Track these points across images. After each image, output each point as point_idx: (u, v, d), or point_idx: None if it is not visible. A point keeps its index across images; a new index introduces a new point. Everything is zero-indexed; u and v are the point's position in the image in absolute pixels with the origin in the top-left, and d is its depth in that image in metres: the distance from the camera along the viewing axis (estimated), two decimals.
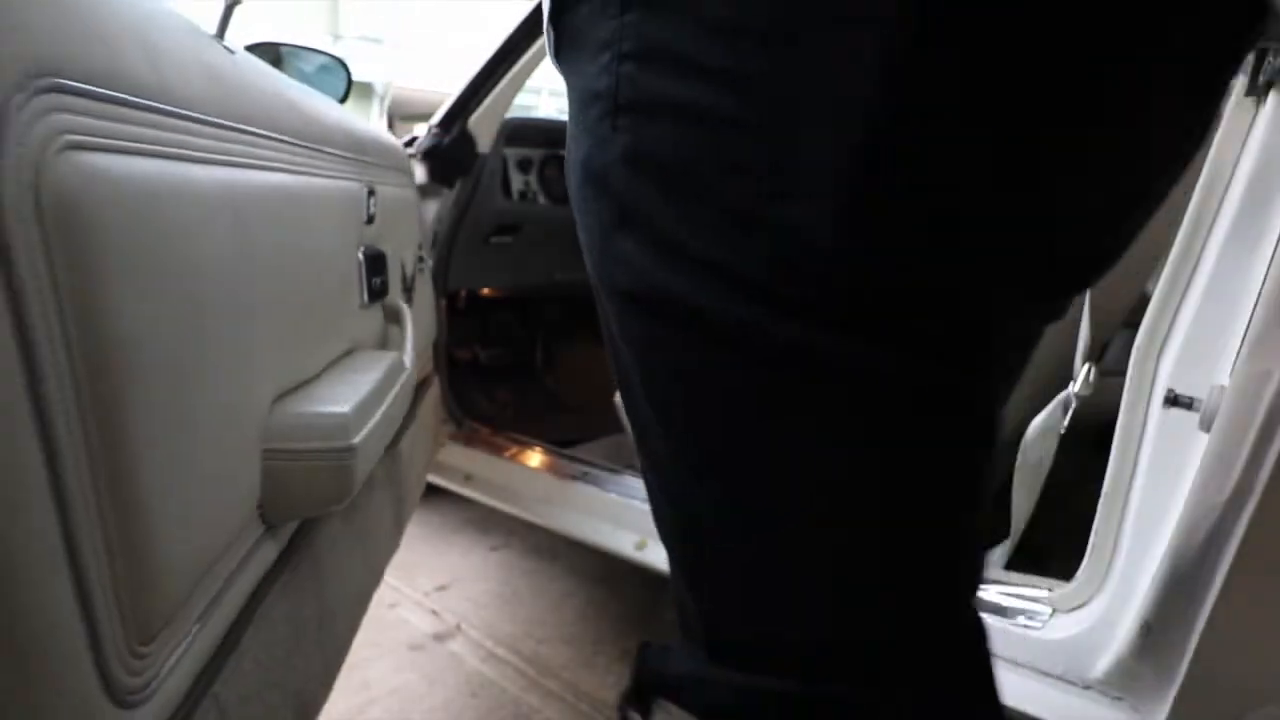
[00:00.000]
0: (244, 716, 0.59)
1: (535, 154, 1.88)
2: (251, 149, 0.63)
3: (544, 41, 1.47)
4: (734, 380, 0.42)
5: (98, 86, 0.42)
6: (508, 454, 1.60)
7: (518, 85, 1.56)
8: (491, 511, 1.68)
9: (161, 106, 0.49)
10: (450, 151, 1.55)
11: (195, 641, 0.54)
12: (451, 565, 1.96)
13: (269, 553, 0.68)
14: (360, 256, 0.92)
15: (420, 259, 1.36)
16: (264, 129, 0.66)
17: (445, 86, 1.64)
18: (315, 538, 0.78)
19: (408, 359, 0.96)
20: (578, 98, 0.46)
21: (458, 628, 1.71)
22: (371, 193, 0.97)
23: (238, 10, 0.85)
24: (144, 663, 0.46)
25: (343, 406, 0.67)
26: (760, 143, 0.37)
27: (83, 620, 0.41)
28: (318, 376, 0.75)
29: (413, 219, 1.36)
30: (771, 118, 0.37)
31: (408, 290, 1.19)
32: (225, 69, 0.61)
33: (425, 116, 1.65)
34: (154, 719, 0.48)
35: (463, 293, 1.96)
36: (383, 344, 1.03)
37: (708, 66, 0.38)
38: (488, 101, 1.55)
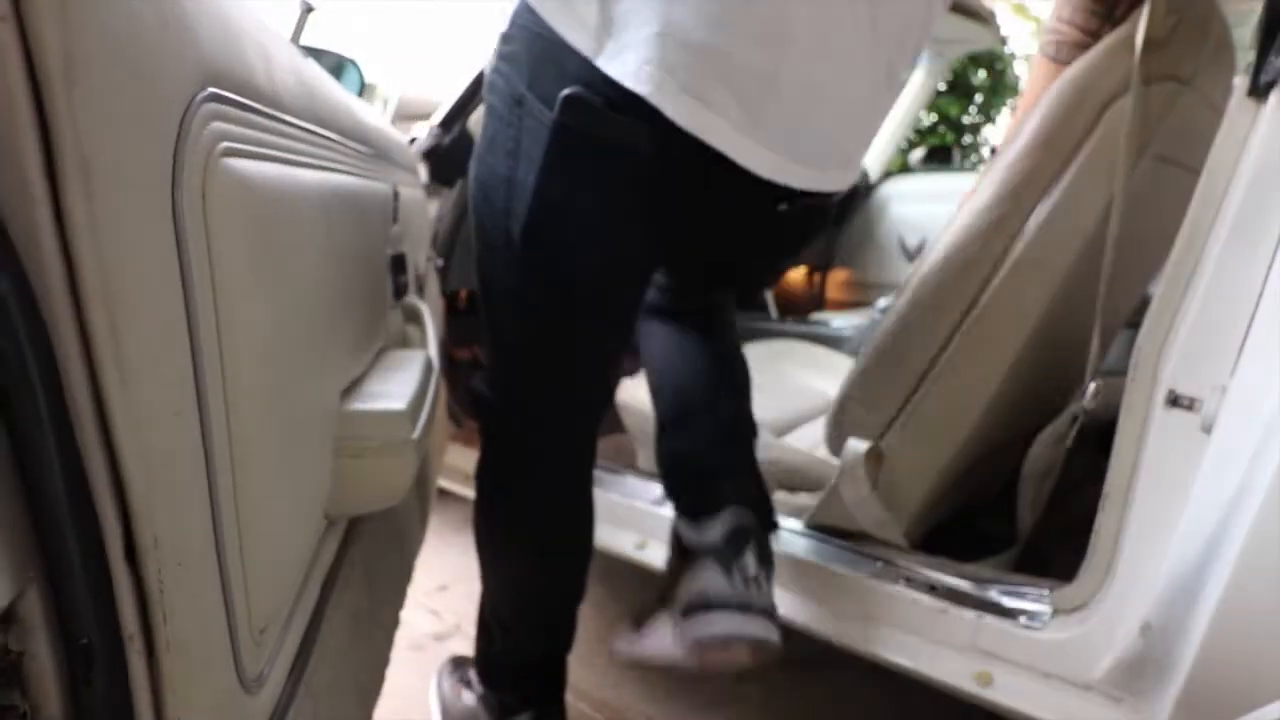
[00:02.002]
0: (327, 705, 0.64)
1: None
2: (327, 151, 0.67)
3: None
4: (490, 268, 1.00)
5: (239, 96, 0.46)
6: None
7: None
8: None
9: (274, 114, 0.53)
10: (450, 151, 1.55)
11: (289, 634, 0.57)
12: (451, 565, 1.96)
13: (330, 548, 0.71)
14: (388, 257, 0.95)
15: (430, 259, 1.37)
16: (333, 132, 0.70)
17: (447, 86, 1.63)
18: (360, 533, 0.81)
19: (434, 358, 0.98)
20: None
21: (458, 628, 1.71)
22: (396, 193, 0.98)
23: None
24: (260, 651, 0.49)
25: (399, 403, 0.70)
26: (507, 196, 0.91)
27: (224, 611, 0.43)
28: (365, 374, 0.78)
29: (424, 219, 1.37)
30: (509, 188, 0.90)
31: (419, 290, 1.20)
32: (307, 75, 0.66)
33: (425, 115, 1.64)
34: (267, 705, 0.51)
35: (463, 292, 1.96)
36: (403, 343, 1.05)
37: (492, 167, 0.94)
38: None
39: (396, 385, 0.75)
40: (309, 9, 1.25)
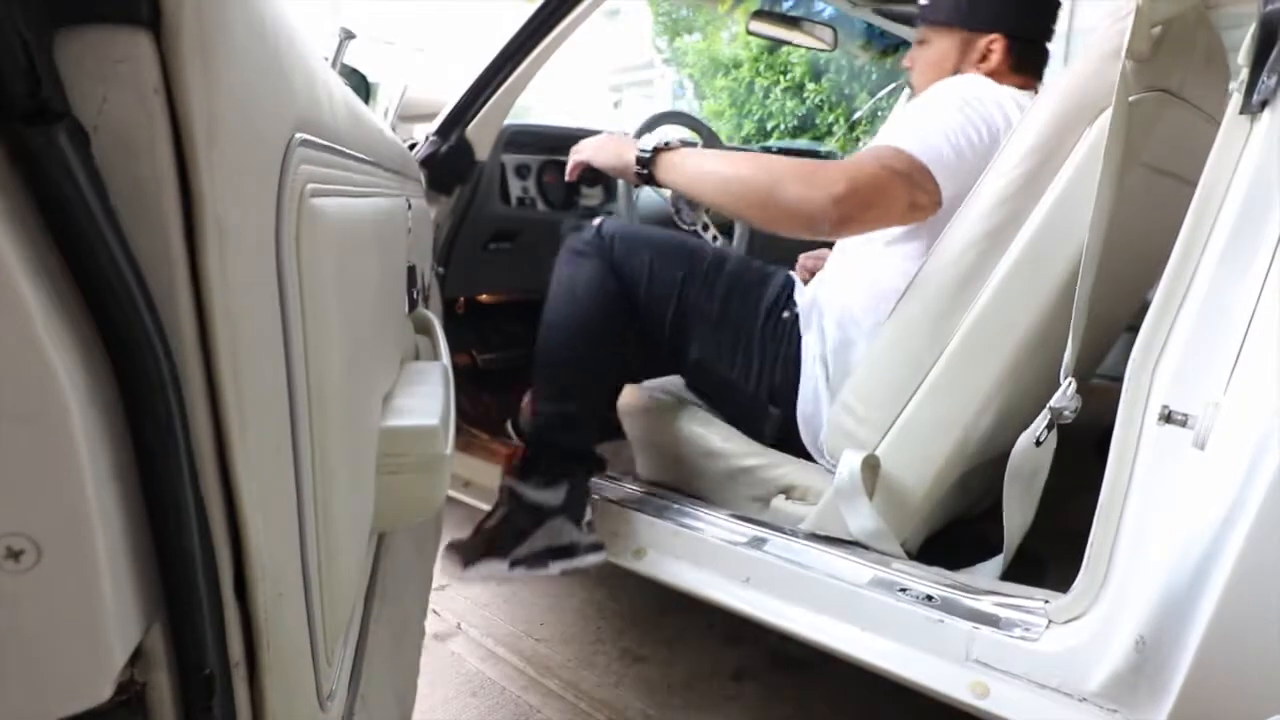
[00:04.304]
0: (379, 716, 0.67)
1: (533, 160, 1.87)
2: (368, 178, 0.69)
3: (545, 47, 1.57)
4: None
5: (317, 138, 0.48)
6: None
7: (516, 92, 1.55)
8: None
9: (338, 149, 0.55)
10: (449, 159, 1.55)
11: (347, 650, 0.59)
12: (452, 565, 1.97)
13: (368, 562, 0.72)
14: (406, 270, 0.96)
15: (434, 267, 1.38)
16: (371, 157, 0.71)
17: (450, 85, 1.63)
18: (388, 547, 0.83)
19: (449, 369, 0.98)
20: None
21: (458, 627, 1.72)
22: (409, 206, 0.99)
23: None
24: (330, 669, 0.51)
25: (432, 419, 0.70)
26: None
27: (308, 634, 0.45)
28: (393, 389, 0.79)
29: (429, 229, 1.38)
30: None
31: (425, 300, 1.21)
32: (353, 105, 0.67)
33: (429, 116, 1.64)
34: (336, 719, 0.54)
35: (461, 299, 1.96)
36: (414, 355, 1.05)
37: None
38: (486, 108, 1.54)
39: (423, 399, 0.76)
40: (350, 36, 1.25)
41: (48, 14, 0.29)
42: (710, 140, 2.12)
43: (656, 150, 1.29)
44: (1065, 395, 0.97)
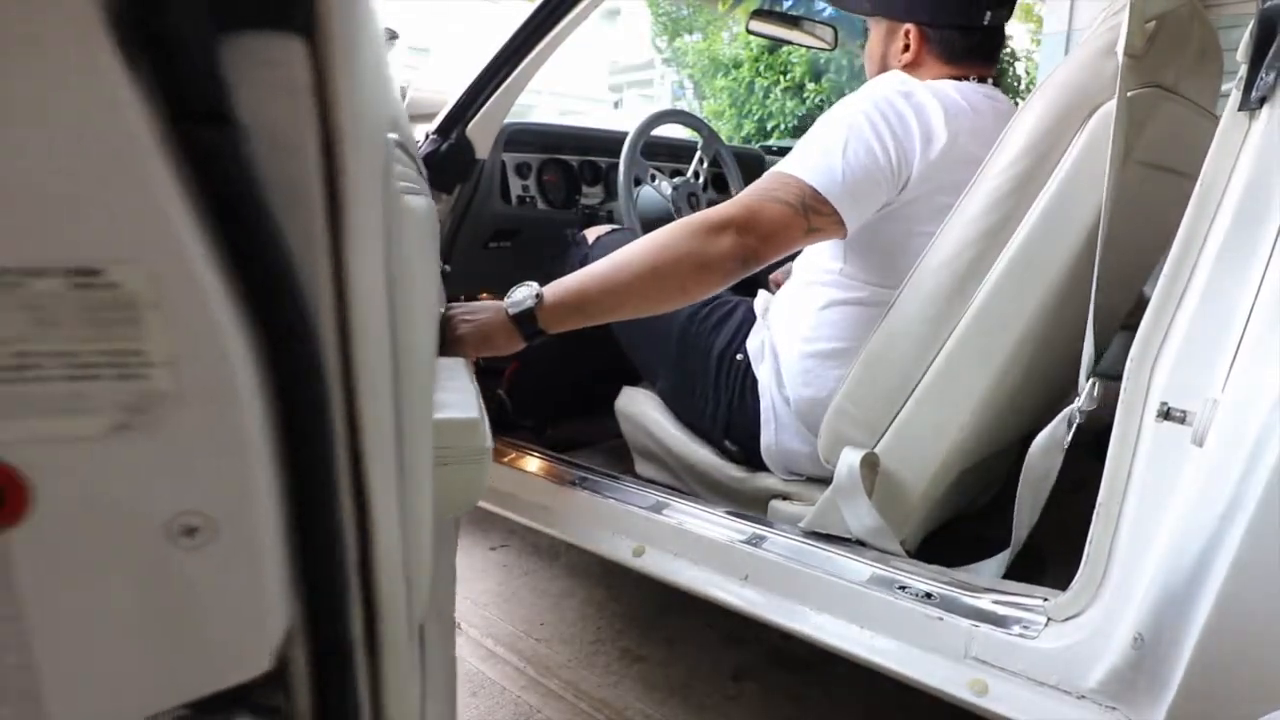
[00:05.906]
0: (439, 701, 0.69)
1: (534, 159, 1.88)
2: (418, 175, 0.71)
3: (545, 46, 1.56)
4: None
5: (401, 138, 0.51)
6: (506, 459, 1.60)
7: (517, 91, 1.55)
8: (491, 511, 1.69)
9: (408, 148, 0.58)
10: (449, 157, 1.55)
11: (413, 636, 0.60)
12: None
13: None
14: None
15: (439, 266, 1.38)
16: (414, 156, 0.73)
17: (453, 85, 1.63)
18: None
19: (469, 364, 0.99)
20: None
21: (458, 627, 1.73)
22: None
23: None
24: (414, 648, 0.52)
25: (473, 411, 0.70)
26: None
27: (407, 612, 0.46)
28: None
29: (437, 226, 1.39)
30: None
31: None
32: (402, 104, 0.69)
33: (429, 117, 1.64)
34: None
35: (462, 297, 1.97)
36: None
37: None
38: (486, 107, 1.55)
39: (458, 394, 0.76)
40: (393, 36, 1.25)
41: (217, 23, 0.31)
42: (711, 139, 2.12)
43: (539, 299, 1.08)
44: (1092, 397, 0.96)
